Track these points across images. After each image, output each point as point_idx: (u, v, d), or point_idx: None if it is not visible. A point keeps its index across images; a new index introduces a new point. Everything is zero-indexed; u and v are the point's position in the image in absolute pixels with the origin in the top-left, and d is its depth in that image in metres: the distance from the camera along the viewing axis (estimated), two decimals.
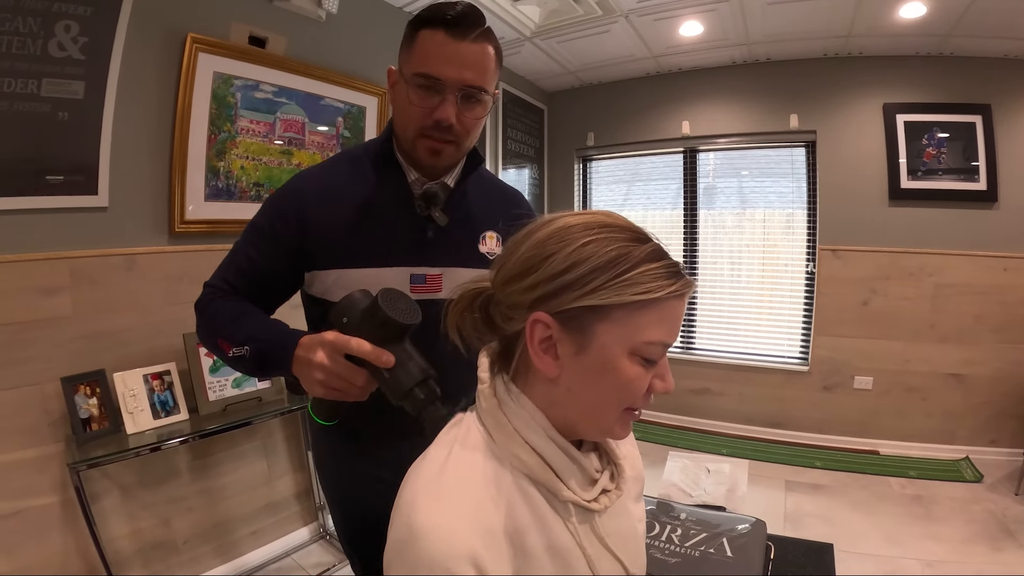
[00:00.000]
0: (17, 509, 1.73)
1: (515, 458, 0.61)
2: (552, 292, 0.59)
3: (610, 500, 0.67)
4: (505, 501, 0.59)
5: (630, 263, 0.58)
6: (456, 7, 0.94)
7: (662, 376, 0.63)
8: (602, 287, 0.57)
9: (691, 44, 3.43)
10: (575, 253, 0.58)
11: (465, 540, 0.53)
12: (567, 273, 0.58)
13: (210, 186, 2.19)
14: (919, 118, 3.27)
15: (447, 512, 0.55)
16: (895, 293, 3.42)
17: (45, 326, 1.79)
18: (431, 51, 0.95)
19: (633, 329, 0.58)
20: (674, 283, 0.59)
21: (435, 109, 0.96)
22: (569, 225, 0.61)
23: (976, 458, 3.28)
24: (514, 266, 0.62)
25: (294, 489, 2.53)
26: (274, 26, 2.33)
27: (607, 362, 0.59)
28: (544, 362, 0.61)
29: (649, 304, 0.58)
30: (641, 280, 0.57)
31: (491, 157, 3.80)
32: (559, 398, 0.62)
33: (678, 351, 4.17)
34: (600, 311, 0.58)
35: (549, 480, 0.62)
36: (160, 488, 2.07)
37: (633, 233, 0.61)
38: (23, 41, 1.65)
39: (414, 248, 1.04)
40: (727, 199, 4.04)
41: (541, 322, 0.60)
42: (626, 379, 0.59)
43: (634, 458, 0.81)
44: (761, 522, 1.96)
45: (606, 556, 0.67)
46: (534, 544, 0.59)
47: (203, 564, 2.19)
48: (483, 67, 0.97)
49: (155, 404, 1.96)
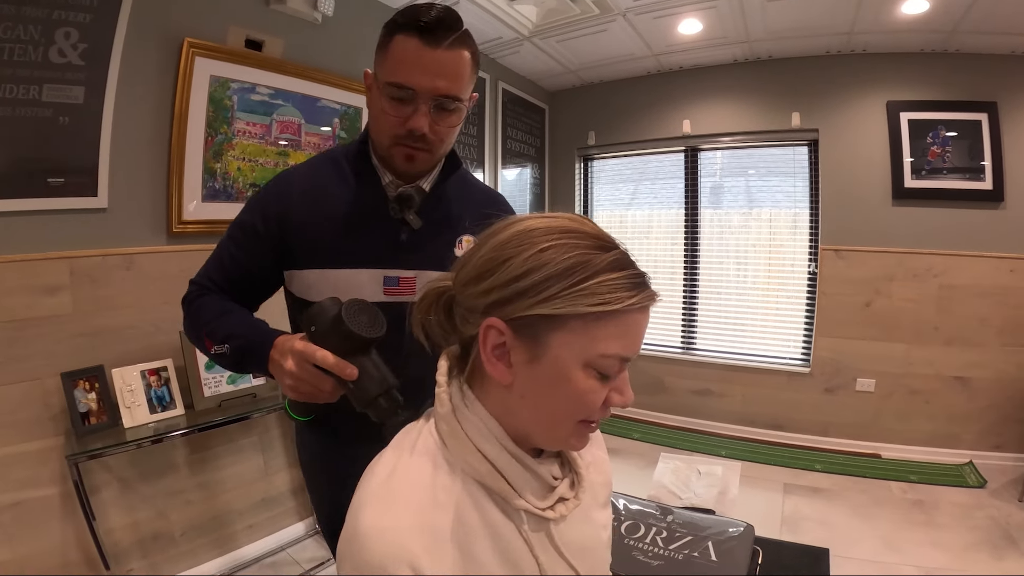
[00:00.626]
0: (18, 500, 1.78)
1: (467, 464, 0.61)
2: (507, 298, 0.57)
3: (567, 508, 0.66)
4: (453, 506, 0.58)
5: (588, 272, 0.56)
6: (431, 12, 0.92)
7: (620, 390, 0.61)
8: (557, 296, 0.55)
9: (691, 42, 3.41)
10: (532, 259, 0.57)
11: (403, 543, 0.53)
12: (522, 279, 0.56)
13: (207, 187, 2.24)
14: (924, 116, 3.21)
15: (388, 515, 0.55)
16: (899, 294, 3.37)
17: (46, 323, 1.84)
18: (404, 59, 0.94)
19: (589, 341, 0.57)
20: (635, 295, 0.57)
21: (408, 119, 0.96)
22: (531, 228, 0.59)
23: (980, 463, 3.22)
24: (473, 268, 0.61)
25: (290, 485, 2.57)
26: (270, 29, 2.37)
27: (560, 373, 0.58)
28: (497, 369, 0.60)
29: (607, 316, 0.56)
30: (599, 290, 0.55)
31: (491, 157, 3.82)
32: (513, 406, 0.61)
33: (679, 351, 4.16)
34: (555, 320, 0.56)
35: (501, 488, 0.61)
36: (158, 481, 2.12)
37: (597, 240, 0.59)
38: (24, 48, 1.71)
39: (388, 251, 1.05)
40: (726, 198, 4.01)
41: (495, 328, 0.58)
42: (579, 392, 0.58)
43: (602, 462, 0.80)
44: (750, 526, 1.95)
45: (561, 564, 0.65)
46: (483, 550, 0.59)
47: (200, 556, 2.24)
48: (457, 75, 0.96)
49: (152, 399, 2.01)
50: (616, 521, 1.97)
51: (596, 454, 0.80)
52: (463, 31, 0.96)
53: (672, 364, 4.12)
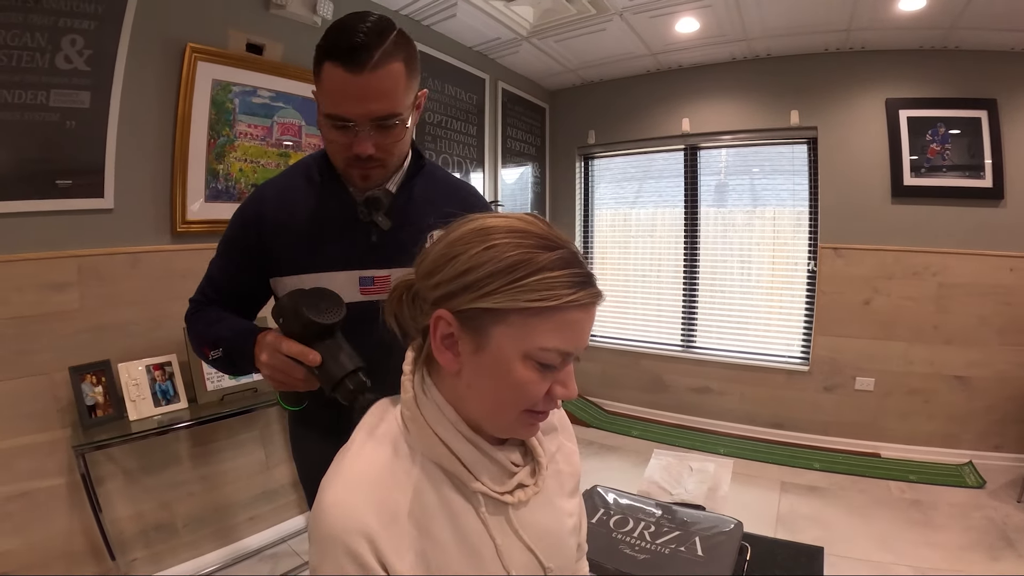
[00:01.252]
0: (26, 490, 1.84)
1: (426, 448, 0.65)
2: (454, 291, 0.61)
3: (526, 495, 0.69)
4: (412, 487, 0.63)
5: (528, 270, 0.59)
6: (350, 35, 0.91)
7: (564, 383, 0.64)
8: (497, 291, 0.59)
9: (689, 41, 3.43)
10: (477, 256, 0.60)
11: (361, 517, 0.58)
12: (467, 275, 0.60)
13: (210, 188, 2.29)
14: (923, 113, 3.19)
15: (349, 491, 0.60)
16: (898, 293, 3.35)
17: (54, 319, 1.91)
18: (334, 90, 0.94)
19: (527, 334, 0.60)
20: (574, 292, 0.59)
21: (351, 144, 0.98)
22: (481, 227, 0.63)
23: (979, 463, 3.20)
24: (429, 262, 0.65)
25: (291, 478, 2.62)
26: (270, 33, 2.42)
27: (501, 364, 0.61)
28: (445, 357, 0.64)
29: (545, 311, 0.59)
30: (537, 287, 0.58)
31: (491, 156, 3.86)
32: (462, 393, 0.65)
33: (679, 349, 4.17)
34: (496, 314, 0.60)
35: (458, 471, 0.65)
36: (162, 473, 2.18)
37: (542, 240, 0.61)
38: (32, 55, 1.77)
39: (361, 252, 1.08)
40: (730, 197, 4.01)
41: (443, 319, 0.62)
42: (519, 382, 0.61)
43: (570, 453, 0.83)
44: (739, 522, 1.98)
45: (518, 547, 0.69)
46: (441, 529, 0.63)
47: (202, 547, 2.30)
48: (388, 92, 0.95)
49: (156, 393, 2.07)
50: (606, 515, 2.02)
51: (565, 444, 0.83)
52: (388, 43, 0.93)
53: (672, 362, 4.13)
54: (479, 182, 3.76)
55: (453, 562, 0.63)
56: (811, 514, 2.78)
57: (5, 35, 1.72)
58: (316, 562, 0.59)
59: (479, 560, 0.65)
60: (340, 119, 0.95)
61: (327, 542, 0.58)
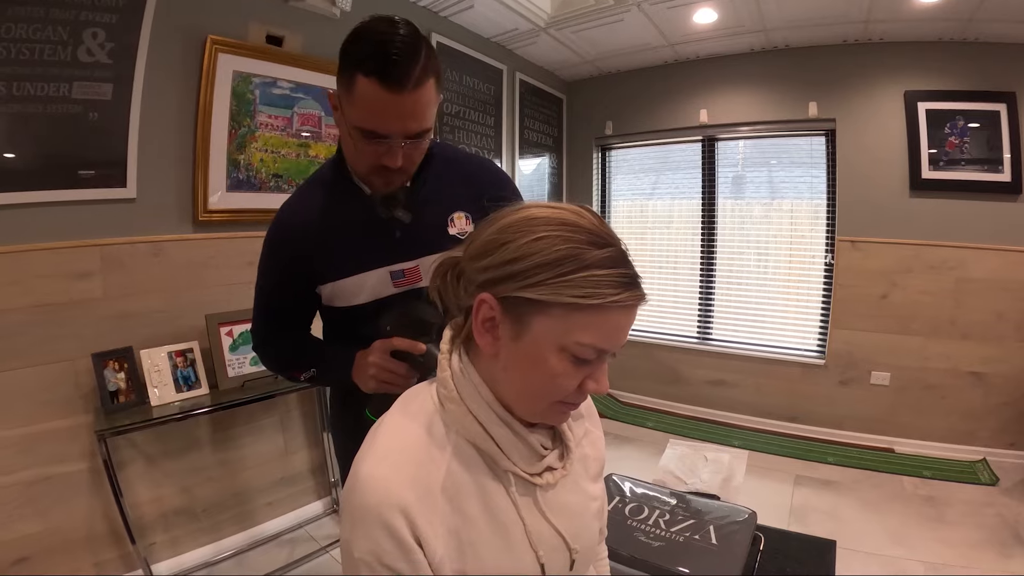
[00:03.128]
0: (50, 474, 1.89)
1: (461, 426, 0.66)
2: (500, 278, 0.62)
3: (555, 477, 0.71)
4: (446, 464, 0.65)
5: (575, 265, 0.59)
6: (391, 51, 0.91)
7: (596, 378, 0.65)
8: (543, 283, 0.59)
9: (707, 31, 3.40)
10: (527, 246, 0.61)
11: (397, 491, 0.59)
12: (515, 263, 0.61)
13: (231, 178, 2.32)
14: (942, 106, 3.14)
15: (385, 466, 0.62)
16: (915, 287, 3.32)
17: (78, 307, 1.95)
18: (371, 107, 0.94)
19: (567, 328, 0.60)
20: (619, 293, 0.60)
21: (383, 155, 1.00)
22: (533, 217, 0.63)
23: (994, 460, 3.17)
24: (477, 246, 0.66)
25: (309, 464, 2.67)
26: (290, 25, 2.44)
27: (538, 353, 0.62)
28: (484, 340, 0.65)
29: (587, 308, 0.59)
30: (582, 284, 0.59)
31: (508, 147, 3.86)
32: (498, 375, 0.66)
33: (695, 341, 4.16)
34: (539, 305, 0.60)
35: (490, 450, 0.66)
36: (182, 458, 2.22)
37: (592, 235, 0.61)
38: (54, 48, 1.80)
39: (387, 250, 1.12)
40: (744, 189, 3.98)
41: (487, 303, 0.63)
42: (553, 373, 0.62)
43: (596, 439, 0.86)
44: (753, 513, 1.99)
45: (546, 527, 0.70)
46: (472, 506, 0.65)
47: (221, 532, 2.35)
48: (424, 111, 0.98)
49: (178, 379, 2.11)
50: (621, 503, 2.04)
51: (591, 430, 0.85)
52: (423, 58, 0.93)
53: (688, 354, 4.12)
54: None
55: (483, 539, 0.65)
56: (824, 508, 2.78)
57: (27, 29, 1.74)
58: (349, 534, 0.60)
59: (508, 538, 0.67)
60: (375, 134, 0.97)
61: (362, 514, 0.59)
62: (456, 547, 0.63)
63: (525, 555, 0.68)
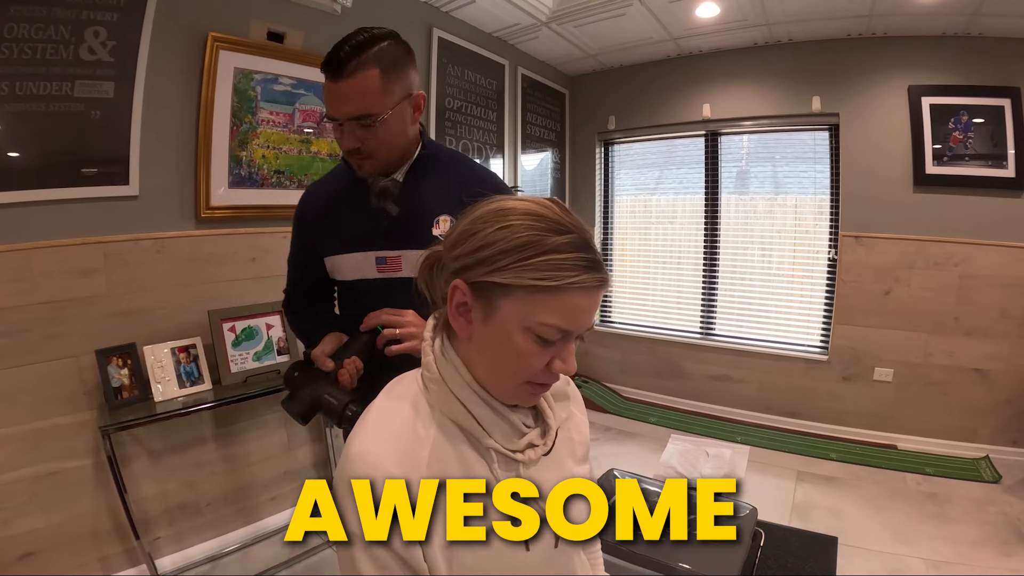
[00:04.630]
0: (54, 470, 1.91)
1: (444, 406, 0.70)
2: (470, 264, 0.66)
3: (536, 454, 0.74)
4: (431, 441, 0.68)
5: (537, 250, 0.63)
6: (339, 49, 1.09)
7: (564, 359, 0.68)
8: (507, 267, 0.64)
9: (709, 25, 3.39)
10: (494, 233, 0.65)
11: (385, 465, 0.63)
12: (484, 250, 0.65)
13: (233, 174, 2.32)
14: (946, 101, 3.12)
15: (373, 442, 0.66)
16: (919, 283, 3.31)
17: (82, 304, 1.96)
18: (325, 95, 1.14)
19: (530, 309, 0.64)
20: (578, 275, 0.63)
21: (340, 138, 1.18)
22: (503, 208, 0.67)
23: (996, 458, 3.16)
24: (454, 236, 0.70)
25: (312, 459, 2.68)
26: (291, 21, 2.44)
27: (505, 334, 0.66)
28: (458, 323, 0.69)
29: (549, 290, 0.63)
30: (543, 267, 0.63)
31: (511, 142, 3.86)
32: (473, 357, 0.70)
33: (698, 336, 4.16)
34: (504, 288, 0.64)
35: (473, 428, 0.69)
36: (186, 454, 2.24)
37: (555, 224, 0.65)
38: (56, 47, 1.80)
39: (375, 235, 1.25)
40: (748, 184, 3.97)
41: (459, 288, 0.68)
42: (519, 353, 0.66)
43: (580, 423, 0.89)
44: (754, 508, 2.00)
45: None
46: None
47: (224, 526, 2.36)
48: (362, 95, 1.11)
49: (181, 375, 2.11)
50: None
51: (575, 414, 0.88)
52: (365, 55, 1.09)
53: (690, 349, 4.12)
54: (499, 168, 3.76)
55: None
56: (826, 504, 2.78)
57: (29, 28, 1.75)
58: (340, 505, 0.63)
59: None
60: (329, 118, 1.16)
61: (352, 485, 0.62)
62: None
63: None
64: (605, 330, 4.53)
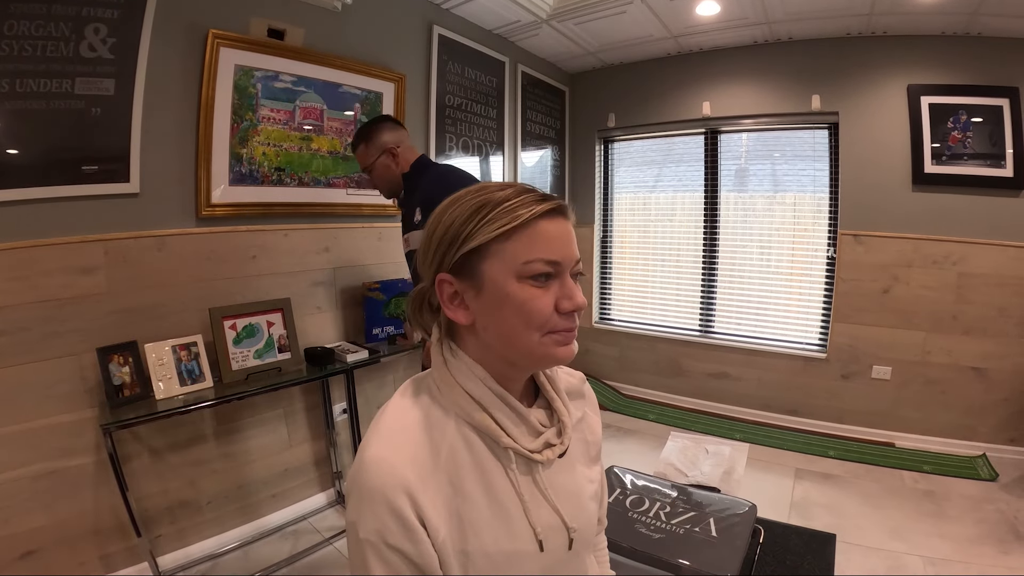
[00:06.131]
0: (55, 468, 1.90)
1: (457, 407, 0.70)
2: (442, 255, 0.69)
3: (553, 453, 0.73)
4: (447, 445, 0.68)
5: (490, 206, 0.66)
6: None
7: (568, 295, 0.68)
8: (471, 234, 0.66)
9: (710, 23, 3.38)
10: (447, 217, 0.69)
11: (401, 473, 0.63)
12: (446, 235, 0.68)
13: (234, 172, 2.32)
14: (945, 100, 3.12)
15: (389, 449, 0.65)
16: (917, 281, 3.32)
17: (83, 302, 1.95)
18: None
19: (510, 256, 0.66)
20: (535, 207, 0.66)
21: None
22: (447, 201, 0.71)
23: (994, 456, 3.18)
24: (420, 250, 0.74)
25: (312, 457, 2.69)
26: (292, 18, 2.43)
27: (500, 292, 0.67)
28: (457, 314, 0.70)
29: (516, 231, 0.66)
30: (500, 216, 0.66)
31: (511, 139, 3.86)
32: (485, 341, 0.70)
33: (697, 334, 4.17)
34: (479, 252, 0.67)
35: (489, 427, 0.69)
36: (187, 451, 2.24)
37: (496, 186, 0.70)
38: (56, 45, 1.80)
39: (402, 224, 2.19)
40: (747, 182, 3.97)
41: (443, 280, 0.70)
42: (521, 302, 0.66)
43: (594, 424, 0.89)
44: (753, 506, 2.01)
45: (544, 506, 0.73)
46: (472, 487, 0.67)
47: (225, 524, 2.37)
48: (360, 158, 2.19)
49: (182, 372, 2.11)
50: (622, 495, 2.05)
51: (589, 415, 0.88)
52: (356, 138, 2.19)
53: (689, 347, 4.13)
54: (499, 165, 3.77)
55: (484, 518, 0.67)
56: (825, 501, 2.79)
57: (30, 26, 1.74)
58: (355, 515, 0.63)
59: (507, 517, 0.69)
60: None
61: (368, 495, 0.62)
62: (457, 526, 0.66)
63: (524, 533, 0.70)
64: (604, 327, 4.54)
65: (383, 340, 2.79)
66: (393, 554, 0.61)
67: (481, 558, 0.66)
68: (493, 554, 0.67)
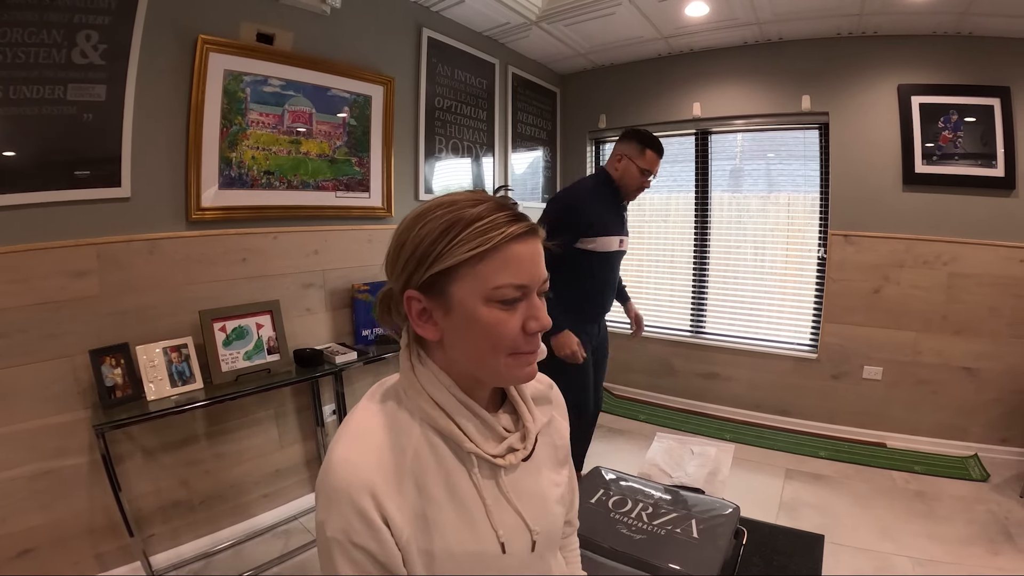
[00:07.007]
0: (49, 468, 1.94)
1: (422, 411, 0.71)
2: (411, 271, 0.69)
3: (516, 458, 0.75)
4: (413, 449, 0.70)
5: (460, 227, 0.66)
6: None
7: (534, 316, 0.69)
8: (441, 254, 0.66)
9: (699, 24, 3.39)
10: (417, 234, 0.68)
11: (366, 474, 0.65)
12: (415, 252, 0.68)
13: (224, 176, 2.34)
14: (935, 100, 3.12)
15: (355, 451, 0.67)
16: (908, 281, 3.31)
17: (75, 305, 1.98)
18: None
19: (480, 280, 0.66)
20: (507, 228, 0.66)
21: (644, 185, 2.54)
22: (417, 213, 0.71)
23: (985, 456, 3.18)
24: (388, 260, 0.74)
25: (303, 457, 2.72)
26: (281, 23, 2.45)
27: (468, 314, 0.67)
28: (425, 330, 0.71)
29: (486, 254, 0.65)
30: (471, 237, 0.65)
31: (501, 141, 3.87)
32: (452, 357, 0.72)
33: (688, 334, 4.18)
34: (449, 273, 0.67)
35: (451, 431, 0.71)
36: (179, 452, 2.27)
37: (467, 200, 0.69)
38: (48, 51, 1.82)
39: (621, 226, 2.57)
40: (739, 182, 3.97)
41: (412, 297, 0.70)
42: (488, 325, 0.67)
43: (562, 429, 0.90)
44: (736, 507, 2.02)
45: (507, 509, 0.74)
46: (436, 489, 0.70)
47: (217, 523, 2.40)
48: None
49: (173, 374, 2.13)
50: (605, 495, 2.07)
51: (556, 419, 0.90)
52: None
53: (680, 347, 4.13)
54: (489, 167, 3.78)
55: (447, 520, 0.69)
56: (814, 502, 2.80)
57: (22, 33, 1.77)
58: (323, 515, 0.65)
59: (470, 519, 0.71)
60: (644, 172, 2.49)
61: (335, 495, 0.64)
62: (422, 527, 0.68)
63: (486, 535, 0.72)
64: None
65: (372, 342, 2.81)
66: (359, 552, 0.64)
67: (446, 559, 0.68)
68: (458, 555, 0.69)
